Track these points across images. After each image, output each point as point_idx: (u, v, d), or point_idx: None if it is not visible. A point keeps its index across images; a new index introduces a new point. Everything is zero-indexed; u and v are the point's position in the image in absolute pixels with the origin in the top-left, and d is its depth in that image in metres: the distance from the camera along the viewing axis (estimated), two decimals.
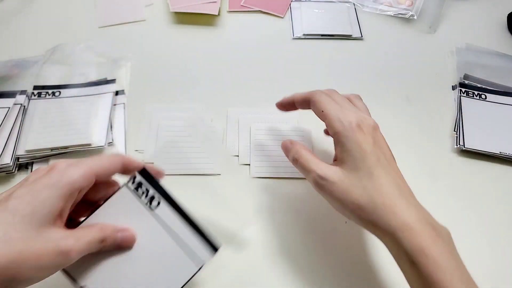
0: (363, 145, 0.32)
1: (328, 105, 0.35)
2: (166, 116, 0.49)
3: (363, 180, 0.31)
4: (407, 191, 0.32)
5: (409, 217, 0.29)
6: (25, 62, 0.53)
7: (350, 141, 0.32)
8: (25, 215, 0.25)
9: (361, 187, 0.31)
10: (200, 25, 0.61)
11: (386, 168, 0.32)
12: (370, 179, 0.31)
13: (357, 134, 0.32)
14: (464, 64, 0.57)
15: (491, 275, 0.39)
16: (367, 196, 0.30)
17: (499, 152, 0.47)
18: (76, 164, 0.28)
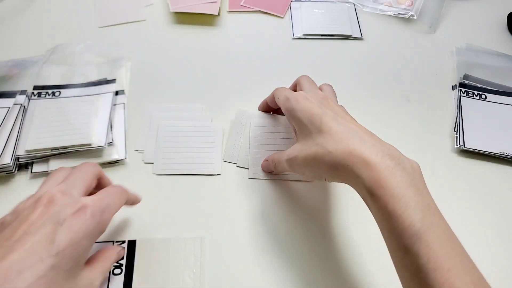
0: (310, 110, 0.34)
1: (279, 91, 0.40)
2: (166, 116, 0.49)
3: (316, 139, 0.32)
4: (363, 132, 0.32)
5: (364, 152, 0.30)
6: (25, 62, 0.53)
7: (298, 112, 0.34)
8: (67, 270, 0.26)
9: (315, 145, 0.32)
10: (200, 25, 0.61)
11: (335, 120, 0.33)
12: (321, 135, 0.32)
13: (302, 103, 0.35)
14: (464, 64, 0.57)
15: (491, 275, 0.39)
16: (323, 149, 0.32)
17: (499, 152, 0.47)
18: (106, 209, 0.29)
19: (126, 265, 0.37)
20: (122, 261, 0.37)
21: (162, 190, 0.44)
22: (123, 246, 0.38)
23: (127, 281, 0.36)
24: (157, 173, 0.45)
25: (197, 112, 0.51)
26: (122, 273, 0.36)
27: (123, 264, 0.37)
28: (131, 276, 0.36)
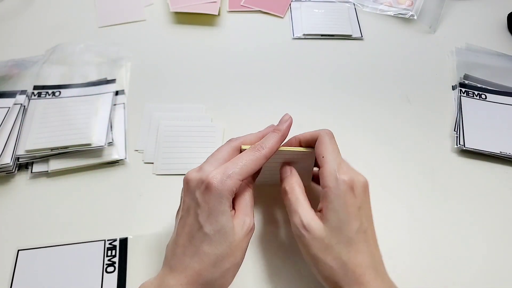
0: (350, 208, 0.31)
1: (330, 154, 0.33)
2: (166, 116, 0.49)
3: (341, 244, 0.31)
4: (379, 261, 0.32)
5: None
6: (25, 62, 0.53)
7: (338, 201, 0.31)
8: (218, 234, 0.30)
9: (337, 251, 0.31)
10: (200, 25, 0.61)
11: (365, 235, 0.32)
12: (349, 246, 0.31)
13: (347, 196, 0.31)
14: (464, 64, 0.57)
15: (491, 275, 0.39)
16: (341, 262, 0.30)
17: (499, 152, 0.47)
18: (231, 176, 0.31)
19: (119, 262, 0.37)
20: (115, 259, 0.37)
21: (162, 190, 0.44)
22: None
23: (121, 278, 0.36)
24: (157, 173, 0.45)
25: (197, 112, 0.51)
26: (116, 270, 0.37)
27: (116, 262, 0.37)
28: (125, 274, 0.37)
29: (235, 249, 0.30)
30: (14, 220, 0.41)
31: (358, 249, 0.31)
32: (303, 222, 0.31)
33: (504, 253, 0.41)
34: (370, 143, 0.49)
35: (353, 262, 0.30)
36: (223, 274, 0.30)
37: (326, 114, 0.51)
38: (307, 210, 0.32)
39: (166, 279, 0.30)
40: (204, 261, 0.29)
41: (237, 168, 0.31)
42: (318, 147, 0.34)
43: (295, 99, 0.53)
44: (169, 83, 0.54)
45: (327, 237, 0.31)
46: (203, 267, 0.29)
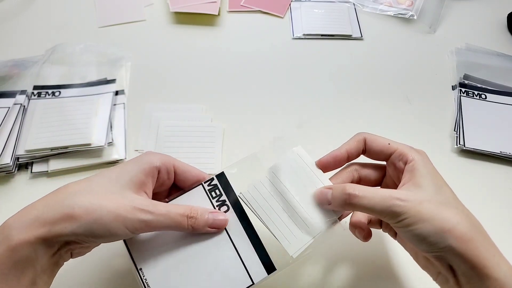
0: (438, 175, 0.31)
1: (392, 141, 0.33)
2: (166, 116, 0.49)
3: (453, 200, 0.29)
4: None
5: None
6: (25, 62, 0.53)
7: (427, 169, 0.30)
8: (112, 178, 0.30)
9: (454, 206, 0.28)
10: (200, 25, 0.61)
11: (459, 201, 0.31)
12: (460, 203, 0.29)
13: (431, 165, 0.31)
14: (464, 64, 0.57)
15: None
16: (464, 215, 0.28)
17: (499, 152, 0.47)
18: (159, 153, 0.33)
19: (228, 198, 0.33)
20: (223, 197, 0.33)
21: None
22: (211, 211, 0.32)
23: (241, 212, 0.33)
24: None
25: (197, 112, 0.51)
26: (230, 207, 0.33)
27: (226, 199, 0.33)
28: (241, 206, 0.33)
29: None
30: None
31: (465, 211, 0.29)
32: (397, 196, 0.28)
33: (505, 253, 0.40)
34: None
35: (474, 220, 0.28)
36: None
37: (326, 114, 0.51)
38: (387, 190, 0.29)
39: None
40: None
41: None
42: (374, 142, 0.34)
43: (294, 99, 0.53)
44: (169, 83, 0.54)
45: (435, 196, 0.29)
46: None
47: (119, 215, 0.28)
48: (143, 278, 0.30)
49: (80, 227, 0.27)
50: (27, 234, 0.26)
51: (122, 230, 0.28)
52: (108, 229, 0.28)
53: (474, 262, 0.26)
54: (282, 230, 0.31)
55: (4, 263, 0.26)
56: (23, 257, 0.26)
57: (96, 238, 0.28)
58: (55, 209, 0.27)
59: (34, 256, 0.26)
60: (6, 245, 0.26)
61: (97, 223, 0.27)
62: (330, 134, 0.49)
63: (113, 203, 0.28)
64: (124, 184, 0.30)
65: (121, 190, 0.29)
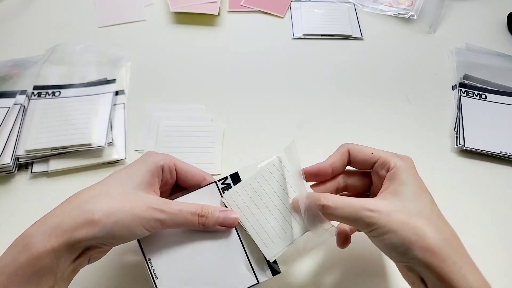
0: (419, 182, 0.31)
1: (374, 149, 0.33)
2: (166, 116, 0.49)
3: (426, 209, 0.29)
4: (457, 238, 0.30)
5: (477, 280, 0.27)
6: (25, 62, 0.53)
7: (408, 176, 0.30)
8: (124, 180, 0.31)
9: (425, 216, 0.28)
10: (200, 25, 0.61)
11: (438, 209, 0.31)
12: (435, 213, 0.29)
13: (414, 171, 0.31)
14: (464, 64, 0.57)
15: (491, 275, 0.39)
16: (435, 226, 0.28)
17: (499, 152, 0.47)
18: (160, 153, 0.34)
19: None
20: None
21: None
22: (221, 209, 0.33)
23: None
24: None
25: (197, 112, 0.51)
26: None
27: None
28: None
29: None
30: (14, 220, 0.41)
31: (441, 221, 0.29)
32: (368, 208, 0.28)
33: (504, 253, 0.41)
34: (370, 143, 0.48)
35: (448, 231, 0.28)
36: None
37: (326, 114, 0.51)
38: (360, 199, 0.29)
39: None
40: None
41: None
42: (360, 152, 0.34)
43: (294, 99, 0.53)
44: (169, 83, 0.54)
45: (406, 206, 0.28)
46: None
47: (137, 215, 0.28)
48: (151, 268, 0.31)
49: (101, 231, 0.27)
50: (49, 243, 0.26)
51: (140, 230, 0.29)
52: (127, 229, 0.28)
53: (440, 274, 0.26)
54: (261, 234, 0.32)
55: (25, 272, 0.26)
56: (45, 265, 0.26)
57: (116, 240, 0.29)
58: (75, 215, 0.28)
59: (56, 264, 0.27)
60: (27, 254, 0.26)
61: (117, 225, 0.28)
62: (330, 134, 0.49)
63: (129, 204, 0.29)
64: (136, 185, 0.30)
65: (135, 191, 0.30)
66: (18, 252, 0.26)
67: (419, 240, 0.27)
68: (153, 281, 0.31)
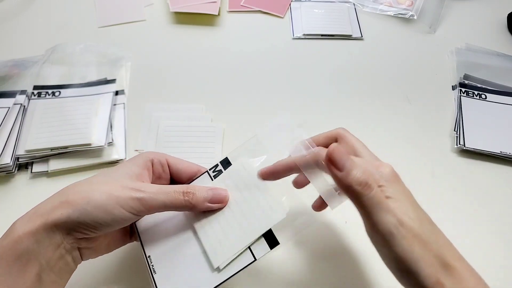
0: (411, 197, 0.29)
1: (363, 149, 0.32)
2: (166, 116, 0.49)
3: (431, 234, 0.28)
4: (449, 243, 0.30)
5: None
6: (25, 62, 0.53)
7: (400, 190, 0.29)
8: (108, 173, 0.31)
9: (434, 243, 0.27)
10: (200, 25, 0.61)
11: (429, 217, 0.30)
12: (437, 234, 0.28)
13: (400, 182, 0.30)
14: (464, 64, 0.57)
15: (492, 275, 0.39)
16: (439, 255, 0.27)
17: (500, 152, 0.47)
18: (155, 151, 0.35)
19: None
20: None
21: None
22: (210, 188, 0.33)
23: None
24: None
25: (197, 112, 0.51)
26: None
27: None
28: None
29: None
30: (14, 220, 0.41)
31: (443, 239, 0.28)
32: (401, 220, 0.27)
33: (504, 253, 0.41)
34: (369, 143, 0.48)
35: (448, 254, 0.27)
36: None
37: (326, 114, 0.51)
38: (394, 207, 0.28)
39: None
40: None
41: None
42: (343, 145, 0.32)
43: (295, 99, 0.53)
44: (169, 83, 0.54)
45: (422, 231, 0.27)
46: None
47: (111, 194, 0.28)
48: (150, 264, 0.32)
49: (76, 211, 0.27)
50: (27, 226, 0.27)
51: (118, 209, 0.28)
52: (104, 210, 0.28)
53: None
54: (212, 239, 0.32)
55: (8, 256, 0.27)
56: (26, 248, 0.27)
57: (94, 222, 0.28)
58: (51, 201, 0.29)
59: (37, 248, 0.27)
60: (9, 238, 0.27)
61: (91, 205, 0.28)
62: None
63: (106, 187, 0.29)
64: (120, 176, 0.31)
65: (117, 178, 0.30)
66: (2, 238, 0.28)
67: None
68: (152, 277, 0.31)
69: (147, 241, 0.33)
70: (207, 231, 0.32)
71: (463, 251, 0.29)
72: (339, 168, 0.28)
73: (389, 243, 0.27)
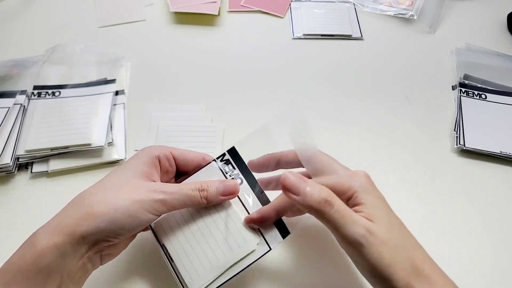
0: (385, 203, 0.30)
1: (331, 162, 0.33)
2: (166, 116, 0.49)
3: (401, 240, 0.28)
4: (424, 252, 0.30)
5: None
6: (25, 62, 0.53)
7: (374, 199, 0.29)
8: (120, 174, 0.31)
9: (403, 248, 0.28)
10: (200, 25, 0.61)
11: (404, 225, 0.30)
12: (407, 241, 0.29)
13: (376, 191, 0.30)
14: (464, 64, 0.57)
15: (491, 275, 0.39)
16: (410, 260, 0.28)
17: (499, 152, 0.47)
18: (159, 145, 0.35)
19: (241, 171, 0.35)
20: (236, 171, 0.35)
21: None
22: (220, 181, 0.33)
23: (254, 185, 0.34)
24: None
25: (197, 112, 0.51)
26: (243, 181, 0.34)
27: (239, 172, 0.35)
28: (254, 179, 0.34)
29: None
30: (14, 220, 0.41)
31: (412, 242, 0.29)
32: (368, 228, 0.27)
33: (505, 253, 0.41)
34: (369, 143, 0.49)
35: (417, 258, 0.28)
36: None
37: (326, 114, 0.51)
38: (359, 217, 0.28)
39: None
40: None
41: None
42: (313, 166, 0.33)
43: (294, 99, 0.53)
44: (169, 83, 0.54)
45: (391, 237, 0.28)
46: None
47: (136, 199, 0.29)
48: (167, 253, 0.33)
49: (103, 221, 0.27)
50: (52, 239, 0.27)
51: (143, 213, 0.29)
52: (129, 215, 0.28)
53: None
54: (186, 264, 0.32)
55: (30, 270, 0.26)
56: (49, 263, 0.26)
57: (121, 229, 0.28)
58: (75, 211, 0.28)
59: (61, 262, 0.27)
60: (32, 251, 0.26)
61: (118, 213, 0.28)
62: (330, 134, 0.49)
63: (127, 192, 0.29)
64: (134, 177, 0.31)
65: (133, 180, 0.31)
66: (24, 250, 0.27)
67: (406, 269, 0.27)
68: (170, 264, 0.32)
69: (159, 231, 0.33)
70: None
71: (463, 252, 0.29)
72: (295, 193, 0.29)
73: (359, 253, 0.27)
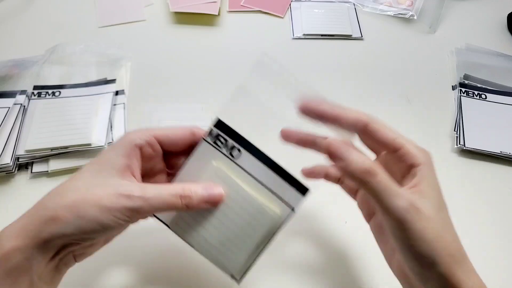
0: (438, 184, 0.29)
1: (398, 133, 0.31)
2: (166, 116, 0.49)
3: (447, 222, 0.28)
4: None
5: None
6: (25, 62, 0.53)
7: (433, 177, 0.29)
8: (94, 171, 0.29)
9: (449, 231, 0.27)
10: (200, 25, 0.61)
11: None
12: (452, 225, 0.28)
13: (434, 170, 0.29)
14: (464, 64, 0.57)
15: (491, 275, 0.39)
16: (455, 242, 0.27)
17: (500, 152, 0.47)
18: (138, 130, 0.31)
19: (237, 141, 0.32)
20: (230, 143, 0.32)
21: None
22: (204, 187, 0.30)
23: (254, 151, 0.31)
24: None
25: (196, 112, 0.51)
26: (242, 150, 0.31)
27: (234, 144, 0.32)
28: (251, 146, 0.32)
29: None
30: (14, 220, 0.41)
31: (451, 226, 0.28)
32: (412, 202, 0.26)
33: (505, 253, 0.41)
34: None
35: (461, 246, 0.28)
36: None
37: None
38: (405, 190, 0.27)
39: None
40: None
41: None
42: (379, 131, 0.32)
43: None
44: (169, 83, 0.54)
45: (439, 214, 0.27)
46: None
47: (104, 206, 0.26)
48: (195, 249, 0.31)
49: (68, 227, 0.26)
50: (16, 242, 0.26)
51: (113, 221, 0.27)
52: (97, 222, 0.26)
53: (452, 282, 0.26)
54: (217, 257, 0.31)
55: None
56: (16, 264, 0.25)
57: (90, 235, 0.27)
58: (40, 214, 0.27)
59: (28, 264, 0.26)
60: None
61: (84, 219, 0.26)
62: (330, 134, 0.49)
63: (97, 195, 0.27)
64: (108, 174, 0.28)
65: (105, 180, 0.28)
66: None
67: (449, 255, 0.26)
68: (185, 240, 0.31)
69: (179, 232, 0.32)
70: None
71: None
72: (339, 158, 0.28)
73: (401, 226, 0.26)
